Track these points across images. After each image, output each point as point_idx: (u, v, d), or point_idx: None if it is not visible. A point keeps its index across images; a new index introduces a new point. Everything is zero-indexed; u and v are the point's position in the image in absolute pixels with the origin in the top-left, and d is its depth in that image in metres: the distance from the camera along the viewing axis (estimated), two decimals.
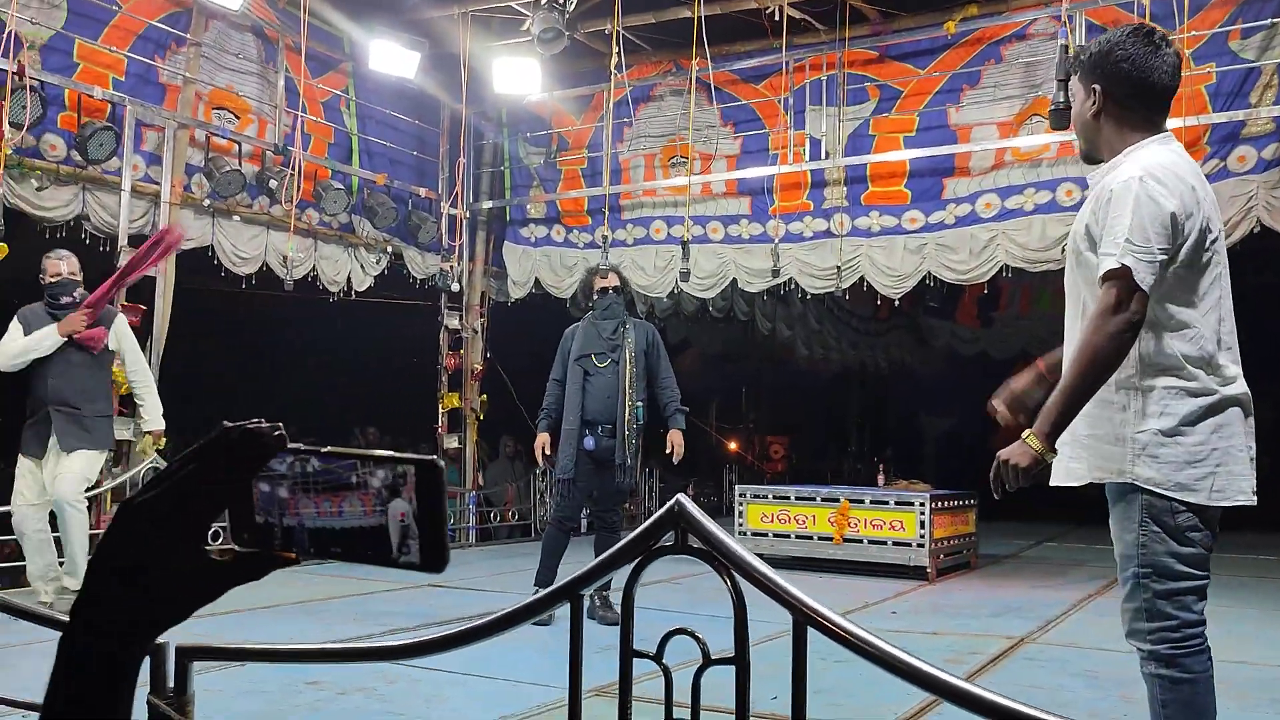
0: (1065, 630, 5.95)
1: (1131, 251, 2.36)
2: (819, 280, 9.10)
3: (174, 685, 2.07)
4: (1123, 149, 2.56)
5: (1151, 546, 2.45)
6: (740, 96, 9.41)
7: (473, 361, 10.75)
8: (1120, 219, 2.41)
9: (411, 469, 0.82)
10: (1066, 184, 8.01)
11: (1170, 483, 2.43)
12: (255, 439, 0.80)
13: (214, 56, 8.42)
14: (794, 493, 8.64)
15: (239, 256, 8.66)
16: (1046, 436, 2.40)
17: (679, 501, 1.72)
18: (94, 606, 0.77)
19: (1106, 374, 2.41)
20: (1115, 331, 2.36)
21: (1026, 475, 2.41)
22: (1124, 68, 2.53)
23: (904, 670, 1.55)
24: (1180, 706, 2.43)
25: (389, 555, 0.83)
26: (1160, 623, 2.45)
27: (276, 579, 0.92)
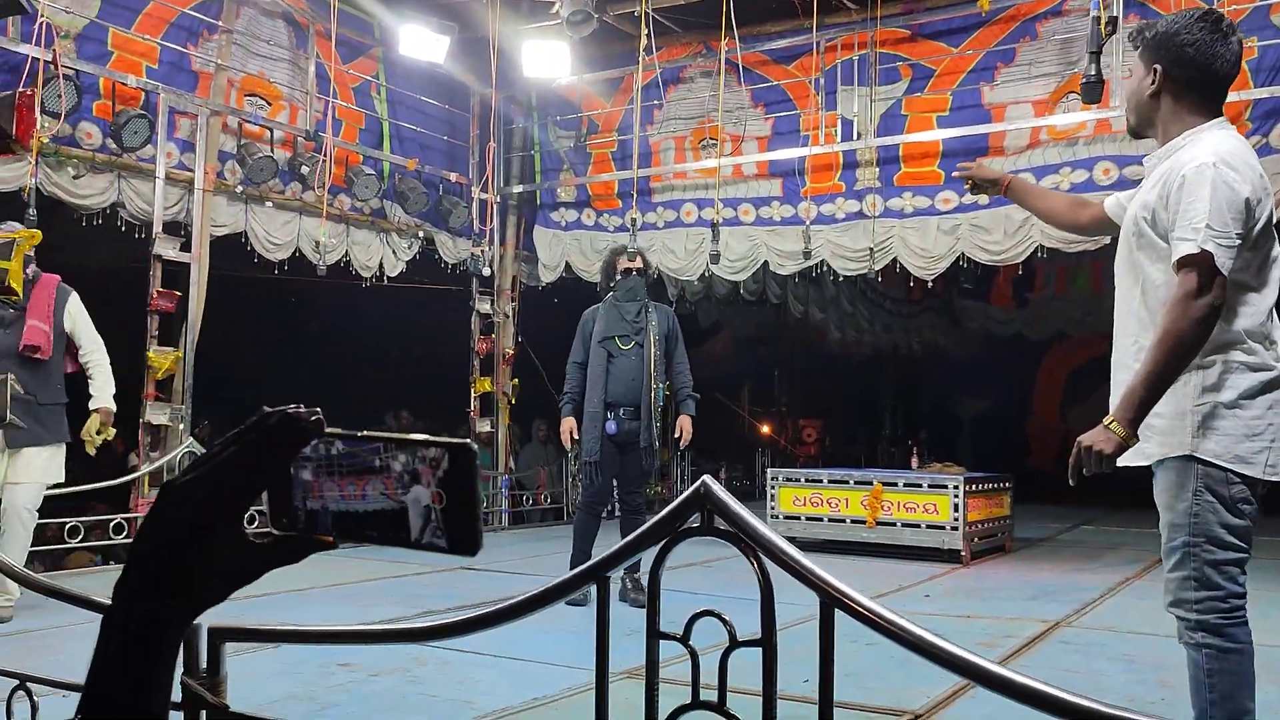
0: (1102, 614, 5.89)
1: (1212, 237, 2.41)
2: (851, 262, 9.03)
3: (207, 666, 2.09)
4: (1177, 131, 2.60)
5: (1204, 516, 2.49)
6: (771, 77, 9.33)
7: (504, 345, 10.78)
8: (1197, 204, 2.45)
9: (445, 452, 0.82)
10: (1103, 162, 7.88)
11: (1229, 454, 2.48)
12: (294, 423, 0.81)
13: (245, 43, 8.47)
14: (826, 476, 8.60)
15: (271, 242, 8.72)
16: (1130, 422, 2.45)
17: (705, 483, 1.71)
18: (135, 587, 0.78)
19: (1189, 358, 2.46)
20: (1199, 317, 2.41)
21: (1109, 461, 2.45)
22: (1188, 52, 2.56)
23: (932, 652, 1.53)
24: (1227, 676, 2.46)
25: (410, 538, 0.83)
26: (1209, 592, 2.49)
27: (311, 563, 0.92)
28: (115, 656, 0.77)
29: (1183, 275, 2.44)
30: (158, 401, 7.63)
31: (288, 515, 0.86)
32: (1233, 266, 2.44)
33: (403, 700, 3.96)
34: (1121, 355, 2.68)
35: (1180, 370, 2.46)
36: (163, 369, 7.59)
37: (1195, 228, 2.43)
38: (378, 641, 2.01)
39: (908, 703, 3.88)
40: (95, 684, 0.76)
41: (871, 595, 1.58)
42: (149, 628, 0.77)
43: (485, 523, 10.24)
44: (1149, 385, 2.44)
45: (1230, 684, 2.46)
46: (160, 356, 7.59)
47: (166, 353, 7.65)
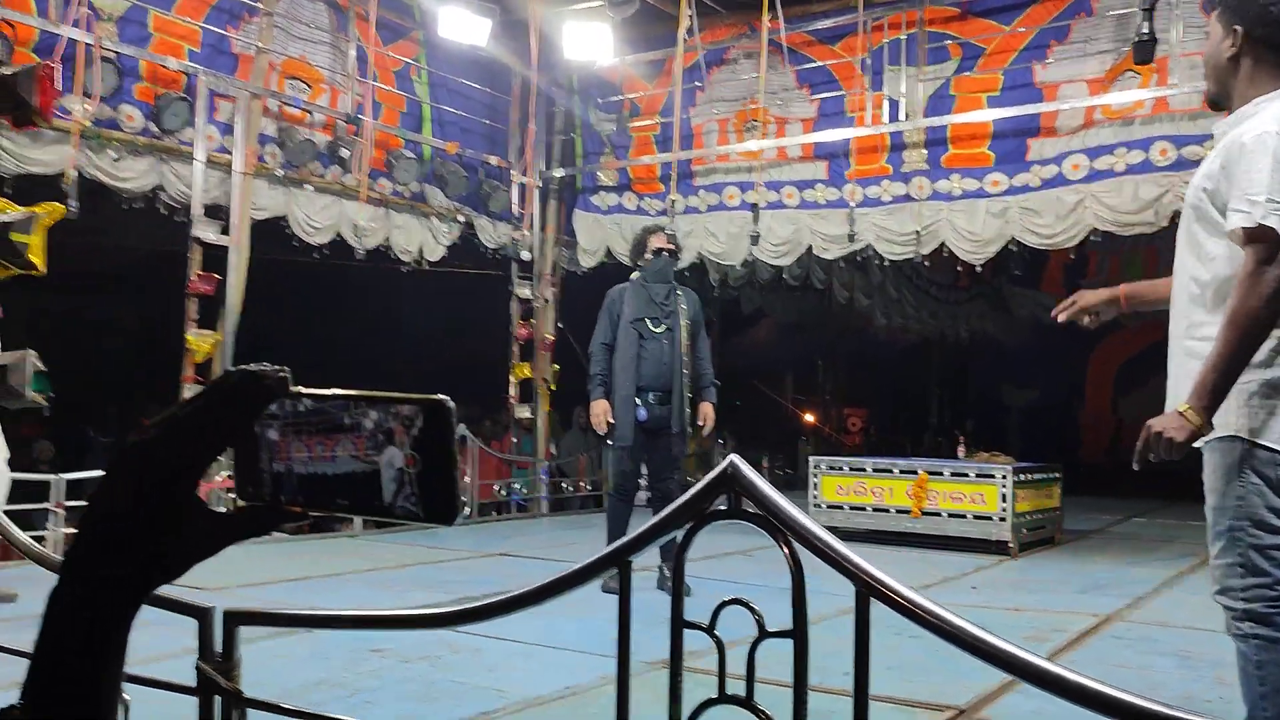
0: (1155, 608, 5.70)
1: (1274, 210, 2.28)
2: (897, 246, 8.84)
3: (221, 650, 2.03)
4: (1252, 97, 2.47)
5: (1250, 499, 2.37)
6: (816, 58, 9.15)
7: (544, 331, 10.72)
8: (1255, 173, 2.32)
9: (419, 410, 0.74)
10: (1160, 143, 7.62)
11: (1276, 434, 2.35)
12: (257, 380, 0.74)
13: (286, 26, 8.45)
14: (870, 464, 8.44)
15: (312, 226, 8.71)
16: (1206, 409, 2.33)
17: (733, 463, 1.60)
18: (88, 550, 0.72)
19: (1263, 337, 2.33)
20: (1269, 293, 2.29)
21: (1180, 449, 2.34)
22: (1273, 12, 2.44)
23: (972, 644, 1.42)
24: (1276, 667, 2.32)
25: (386, 502, 0.75)
26: (1256, 579, 2.36)
27: (347, 549, 0.87)
28: (65, 624, 0.71)
29: (1247, 251, 2.32)
30: (197, 384, 7.64)
31: (254, 483, 0.78)
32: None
33: (433, 686, 3.89)
34: (1175, 333, 2.56)
35: (1254, 350, 2.32)
36: (202, 352, 7.61)
37: (1253, 200, 2.29)
38: (396, 627, 1.94)
39: (952, 698, 3.75)
40: (41, 653, 0.71)
41: (915, 587, 1.47)
42: (101, 593, 0.72)
43: (525, 509, 10.21)
44: (1221, 369, 2.31)
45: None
46: (199, 339, 7.61)
47: (206, 335, 7.67)
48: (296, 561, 6.53)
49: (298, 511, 0.78)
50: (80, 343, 10.84)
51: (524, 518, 10.04)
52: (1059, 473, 8.58)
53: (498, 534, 8.61)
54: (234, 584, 5.34)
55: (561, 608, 4.60)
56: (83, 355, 6.84)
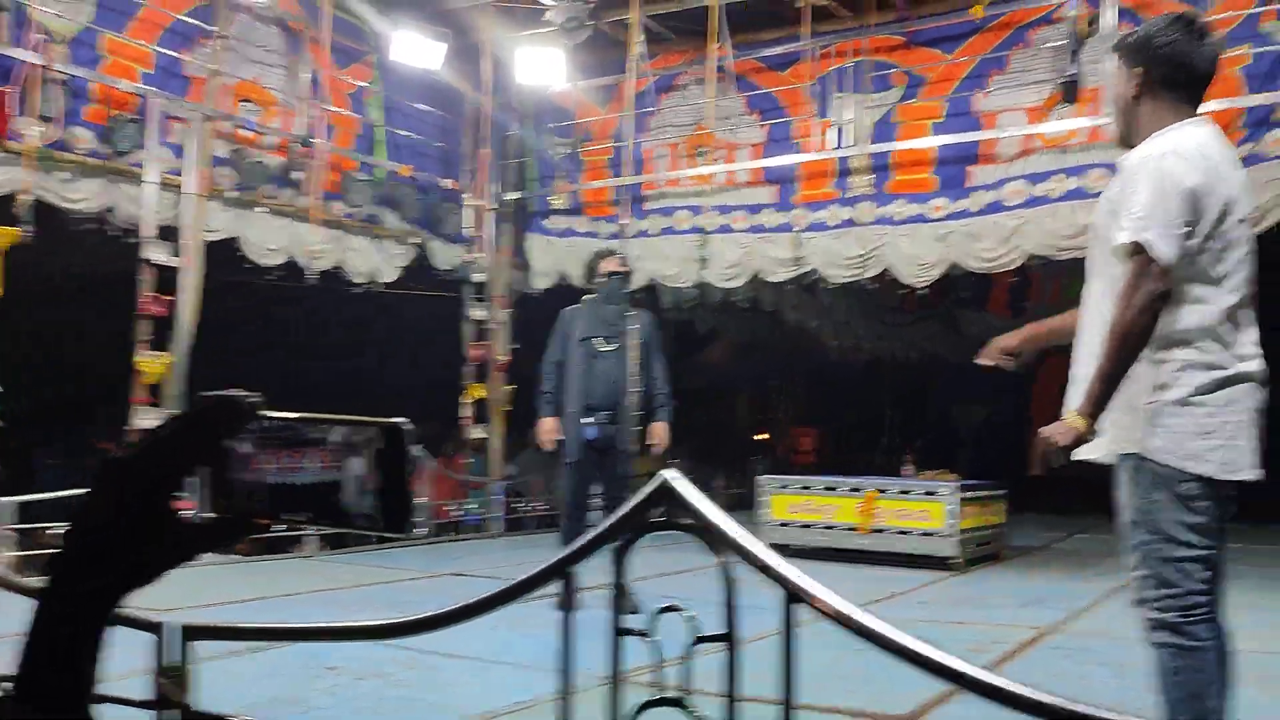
0: (1094, 620, 5.88)
1: (1150, 227, 2.42)
2: (843, 270, 9.02)
3: (176, 664, 2.08)
4: (1154, 131, 2.61)
5: (1158, 514, 2.50)
6: (764, 85, 9.34)
7: (498, 352, 10.77)
8: (1138, 194, 2.47)
9: (378, 431, 0.83)
10: (1095, 170, 7.87)
11: (1180, 452, 2.48)
12: (232, 405, 0.82)
13: (240, 49, 8.48)
14: (819, 483, 8.59)
15: (265, 248, 8.72)
16: (1089, 415, 2.47)
17: (668, 478, 1.70)
18: (71, 563, 0.78)
19: (1139, 348, 2.46)
20: (1141, 306, 2.42)
21: (1066, 453, 2.49)
22: (1165, 52, 2.59)
23: (896, 648, 1.52)
24: (1191, 674, 2.45)
25: (347, 512, 0.84)
26: (1168, 590, 2.48)
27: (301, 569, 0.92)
28: (48, 633, 0.77)
29: (1126, 266, 2.46)
30: (148, 407, 7.61)
31: (225, 497, 0.87)
32: (1180, 257, 2.43)
33: (385, 702, 3.94)
34: (1082, 351, 2.68)
35: (1130, 361, 2.46)
36: (153, 374, 7.58)
37: (1135, 217, 2.45)
38: (346, 638, 2.01)
39: (892, 707, 3.86)
40: (29, 659, 0.77)
41: (863, 602, 1.57)
42: (84, 603, 0.78)
43: (480, 528, 10.22)
44: (1102, 378, 2.47)
45: (1195, 682, 2.44)
46: (150, 362, 7.58)
47: (157, 357, 7.64)
48: (251, 582, 6.52)
49: (265, 523, 0.87)
50: (29, 364, 10.71)
51: (479, 538, 10.06)
52: (1003, 489, 8.77)
53: (451, 554, 8.63)
54: (187, 605, 5.31)
55: (515, 623, 4.65)
56: (31, 377, 6.79)
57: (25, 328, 11.05)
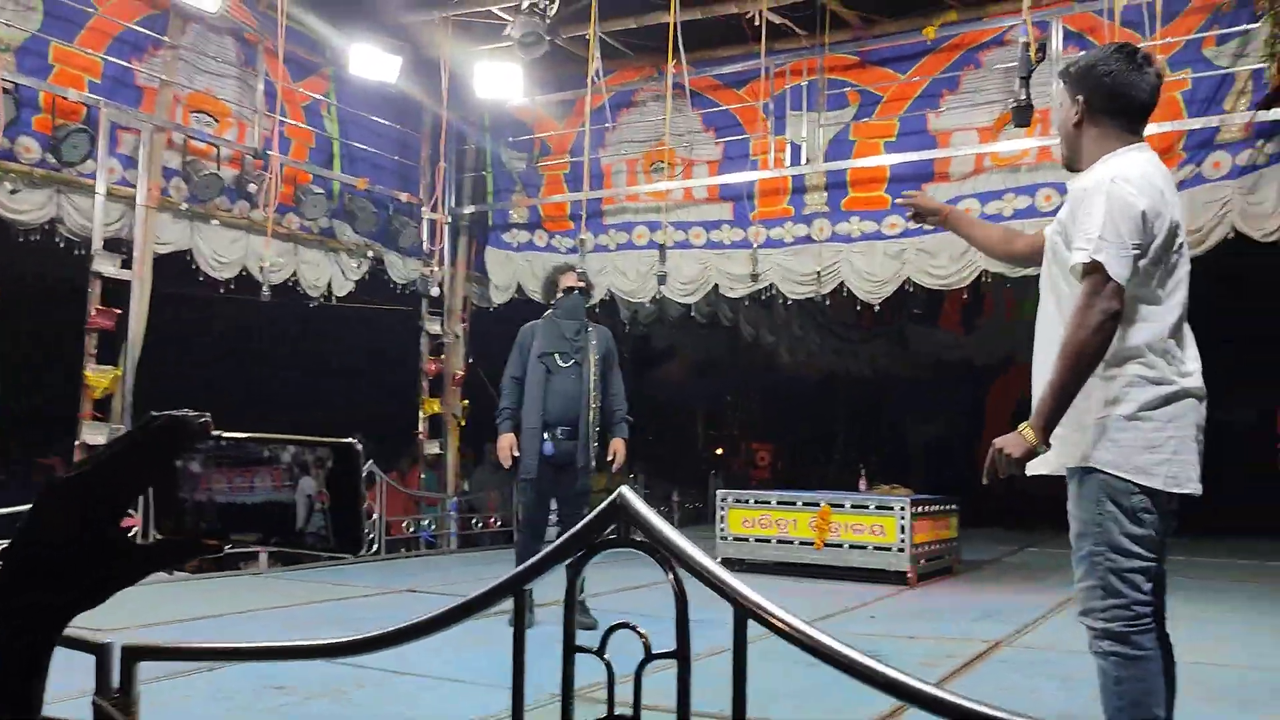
0: (1042, 633, 5.95)
1: (1105, 247, 2.50)
2: (799, 285, 9.10)
3: (120, 686, 2.04)
4: (1098, 156, 2.70)
5: (1107, 526, 2.57)
6: (721, 102, 9.41)
7: (454, 367, 10.72)
8: (1092, 216, 2.55)
9: (330, 451, 0.83)
10: (1045, 189, 8.02)
11: (1129, 465, 2.55)
12: (181, 425, 0.82)
13: (192, 59, 8.40)
14: (775, 497, 8.63)
15: (218, 261, 8.62)
16: (1041, 429, 2.54)
17: (622, 494, 1.71)
18: (14, 580, 0.77)
19: (1093, 365, 2.54)
20: (1097, 324, 2.49)
21: (1018, 465, 2.55)
22: (1106, 81, 2.69)
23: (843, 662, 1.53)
24: (1134, 682, 2.51)
25: (299, 531, 0.84)
26: (1115, 600, 2.55)
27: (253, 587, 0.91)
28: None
29: (1083, 285, 2.53)
30: (95, 421, 7.49)
31: (173, 518, 0.86)
32: (1131, 277, 2.52)
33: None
34: (1037, 368, 2.75)
35: (1084, 378, 2.53)
36: (100, 388, 7.46)
37: (1089, 238, 2.53)
38: (294, 658, 1.98)
39: None
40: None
41: (817, 617, 1.59)
42: (27, 622, 0.77)
43: (434, 545, 10.15)
44: (1058, 393, 2.53)
45: (1137, 691, 2.51)
46: (98, 375, 7.46)
47: (105, 371, 7.52)
48: (200, 600, 6.42)
49: (214, 544, 0.86)
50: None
51: (433, 554, 9.99)
52: (956, 504, 8.86)
53: (406, 570, 8.56)
54: (134, 624, 5.22)
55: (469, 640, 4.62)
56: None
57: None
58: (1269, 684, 4.68)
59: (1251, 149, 7.28)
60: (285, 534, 0.84)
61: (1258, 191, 7.23)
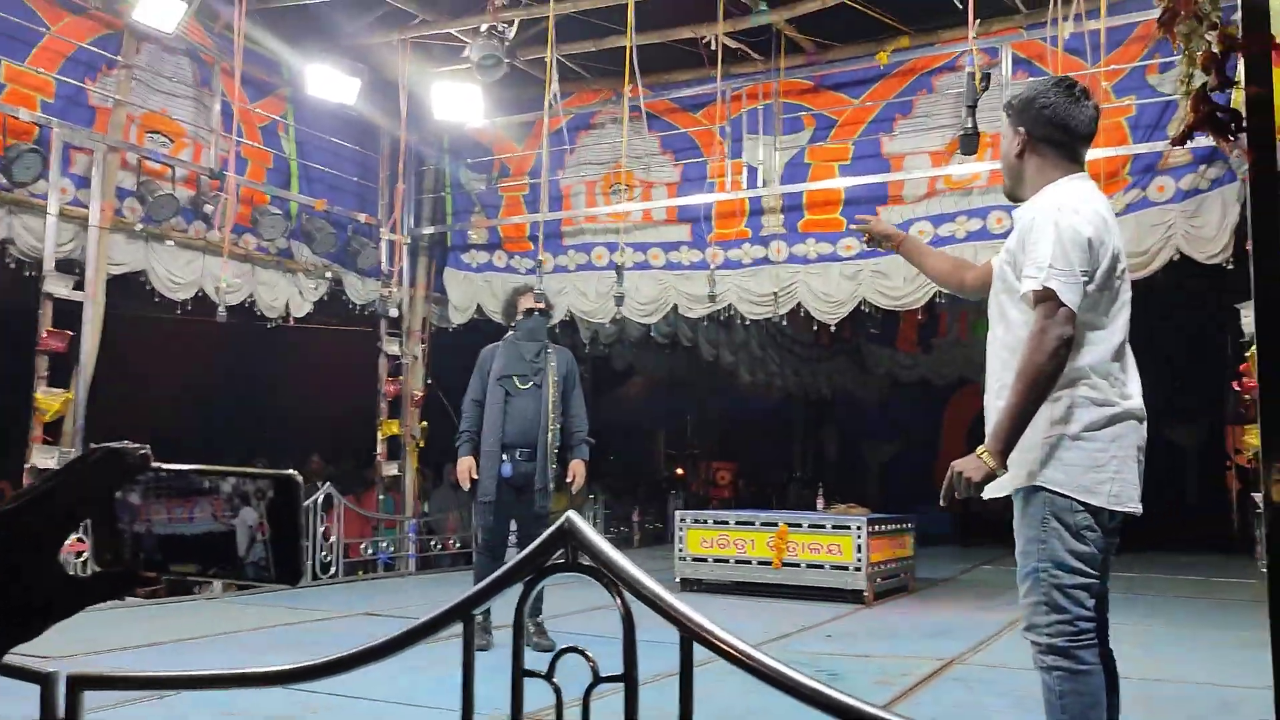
0: (995, 651, 6.01)
1: (1055, 275, 2.57)
2: (757, 306, 9.18)
3: (64, 716, 2.02)
4: (1041, 186, 2.79)
5: (1051, 543, 2.62)
6: (678, 125, 9.50)
7: (413, 388, 10.68)
8: (1040, 245, 2.63)
9: (270, 483, 0.84)
10: (996, 212, 8.16)
11: (1073, 484, 2.62)
12: (119, 458, 0.82)
13: (147, 79, 8.34)
14: (733, 518, 8.67)
15: (174, 282, 8.55)
16: (999, 453, 2.59)
17: (569, 519, 1.73)
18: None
19: (1049, 388, 2.60)
20: (1052, 349, 2.56)
21: (977, 488, 2.60)
22: (1046, 114, 2.78)
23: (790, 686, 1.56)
24: (1077, 697, 2.56)
25: (239, 562, 0.85)
26: (1058, 615, 2.61)
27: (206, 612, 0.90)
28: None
29: (1037, 312, 2.61)
30: (45, 445, 7.37)
31: (111, 550, 0.86)
32: (1081, 303, 2.60)
33: None
34: (989, 394, 2.81)
35: (1041, 400, 2.60)
36: (51, 411, 7.36)
37: (1040, 266, 2.60)
38: (243, 685, 1.98)
39: None
40: None
41: (773, 636, 1.62)
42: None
43: (392, 568, 10.08)
44: (1014, 416, 2.59)
45: (1080, 704, 2.56)
46: (49, 398, 7.36)
47: (56, 394, 7.42)
48: (150, 626, 6.33)
49: (152, 576, 0.87)
50: None
51: (391, 577, 9.90)
52: (912, 523, 8.94)
53: (363, 594, 8.49)
54: (82, 651, 5.16)
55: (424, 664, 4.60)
56: None
57: None
58: (1216, 699, 4.77)
59: (1194, 174, 7.47)
60: (226, 565, 0.85)
61: (1200, 215, 7.41)
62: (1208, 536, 12.73)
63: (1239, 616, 7.43)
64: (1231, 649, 6.11)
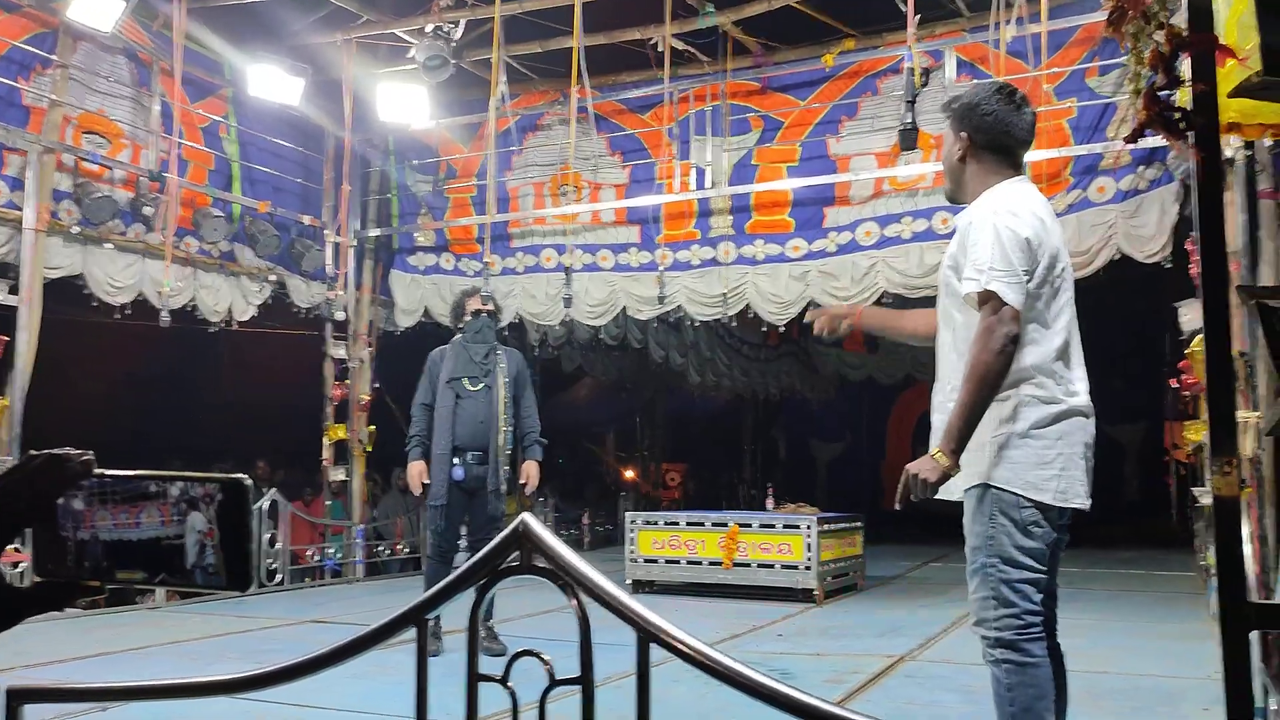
0: (944, 648, 6.08)
1: (996, 277, 2.63)
2: (706, 308, 9.21)
3: None
4: (981, 189, 2.85)
5: (999, 538, 2.67)
6: (626, 126, 9.50)
7: (360, 392, 10.56)
8: (980, 247, 2.68)
9: (218, 487, 0.82)
10: (941, 212, 8.25)
11: (1020, 481, 2.67)
12: (60, 464, 0.80)
13: (84, 79, 8.16)
14: (684, 518, 8.69)
15: (113, 286, 8.37)
16: (952, 452, 2.62)
17: (524, 521, 1.71)
18: None
19: (997, 386, 2.65)
20: (998, 348, 2.61)
21: (932, 488, 2.63)
22: (988, 120, 2.84)
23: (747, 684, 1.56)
24: (1025, 689, 2.61)
25: (187, 568, 0.83)
26: (1005, 609, 2.65)
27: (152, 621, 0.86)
28: None
29: (981, 313, 2.66)
30: None
31: (53, 560, 0.84)
32: (1024, 301, 2.65)
33: None
34: (939, 395, 2.85)
35: (989, 399, 2.65)
36: None
37: (979, 268, 2.66)
38: (187, 696, 1.94)
39: None
40: None
41: (725, 636, 1.61)
42: None
43: (340, 574, 9.96)
44: (963, 416, 2.64)
45: (1028, 696, 2.60)
46: None
47: None
48: (92, 637, 6.19)
49: (95, 585, 0.84)
50: None
51: (339, 583, 9.78)
52: (861, 522, 9.02)
53: (311, 600, 8.38)
54: (20, 664, 5.04)
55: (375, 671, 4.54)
56: None
57: None
58: (1159, 690, 4.87)
59: (1133, 174, 7.62)
60: (173, 571, 0.83)
61: (1139, 215, 7.57)
62: (1148, 532, 13.00)
63: (1180, 609, 7.60)
64: (1174, 641, 6.25)
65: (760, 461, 18.69)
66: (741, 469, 18.43)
